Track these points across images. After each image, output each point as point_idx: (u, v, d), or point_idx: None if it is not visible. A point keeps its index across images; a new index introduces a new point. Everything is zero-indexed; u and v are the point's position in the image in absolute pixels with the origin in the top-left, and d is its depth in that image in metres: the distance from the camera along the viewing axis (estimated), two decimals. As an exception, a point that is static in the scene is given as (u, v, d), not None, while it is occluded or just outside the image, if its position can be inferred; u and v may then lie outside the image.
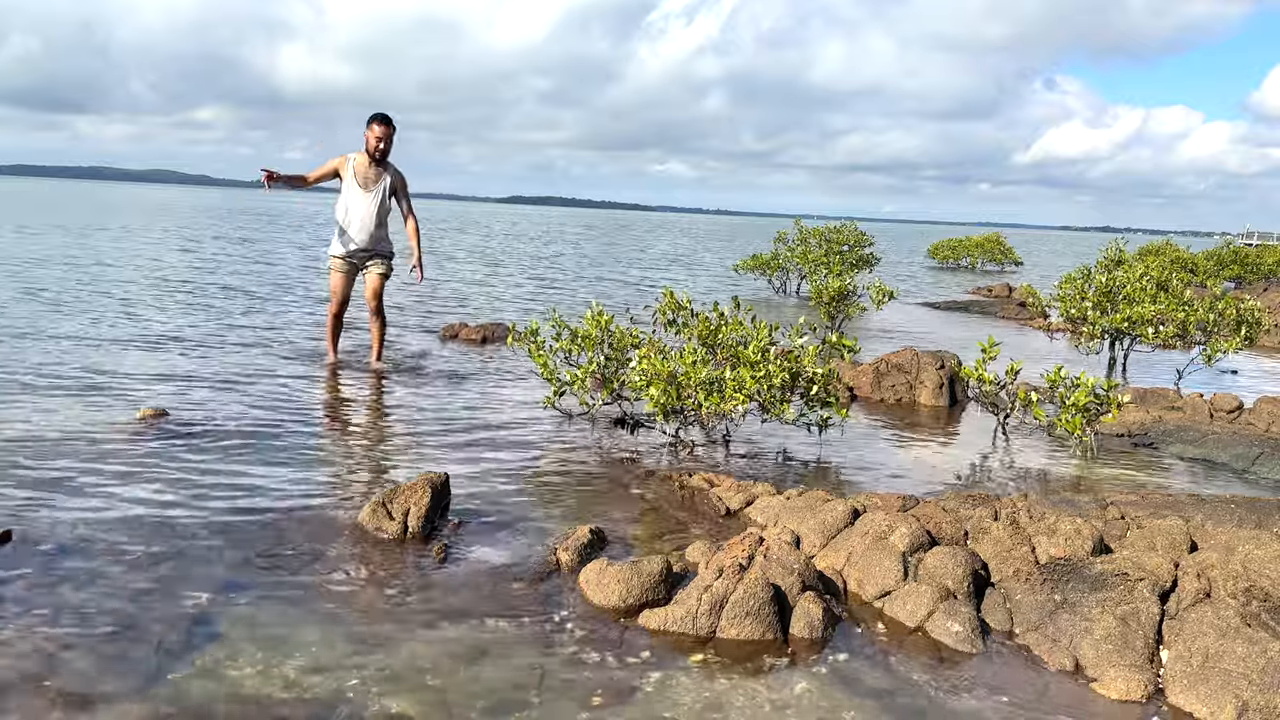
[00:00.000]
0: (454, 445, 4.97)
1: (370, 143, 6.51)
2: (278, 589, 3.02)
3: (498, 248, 27.31)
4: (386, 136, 6.51)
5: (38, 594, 2.89)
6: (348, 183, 6.59)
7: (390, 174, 6.62)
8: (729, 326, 5.57)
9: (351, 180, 6.57)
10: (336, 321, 6.93)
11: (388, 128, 6.50)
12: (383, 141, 6.50)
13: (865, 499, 3.95)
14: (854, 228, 18.07)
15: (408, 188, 6.74)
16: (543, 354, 5.54)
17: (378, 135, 6.48)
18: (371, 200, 6.58)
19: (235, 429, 4.98)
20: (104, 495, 3.80)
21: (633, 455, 4.98)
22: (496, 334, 8.83)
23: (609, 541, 3.61)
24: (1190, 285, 11.79)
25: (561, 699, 2.46)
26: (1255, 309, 8.76)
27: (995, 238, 28.91)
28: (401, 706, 2.38)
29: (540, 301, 12.85)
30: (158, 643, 2.63)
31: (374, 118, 6.52)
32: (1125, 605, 2.91)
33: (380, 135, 6.49)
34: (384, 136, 6.50)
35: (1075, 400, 5.20)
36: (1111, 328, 8.53)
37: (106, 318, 8.81)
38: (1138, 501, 4.23)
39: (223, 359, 7.07)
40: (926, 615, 3.00)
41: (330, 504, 3.90)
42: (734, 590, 2.90)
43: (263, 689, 2.43)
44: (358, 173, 6.55)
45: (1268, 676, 2.54)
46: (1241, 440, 5.70)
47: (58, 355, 6.78)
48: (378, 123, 6.49)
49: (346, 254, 6.69)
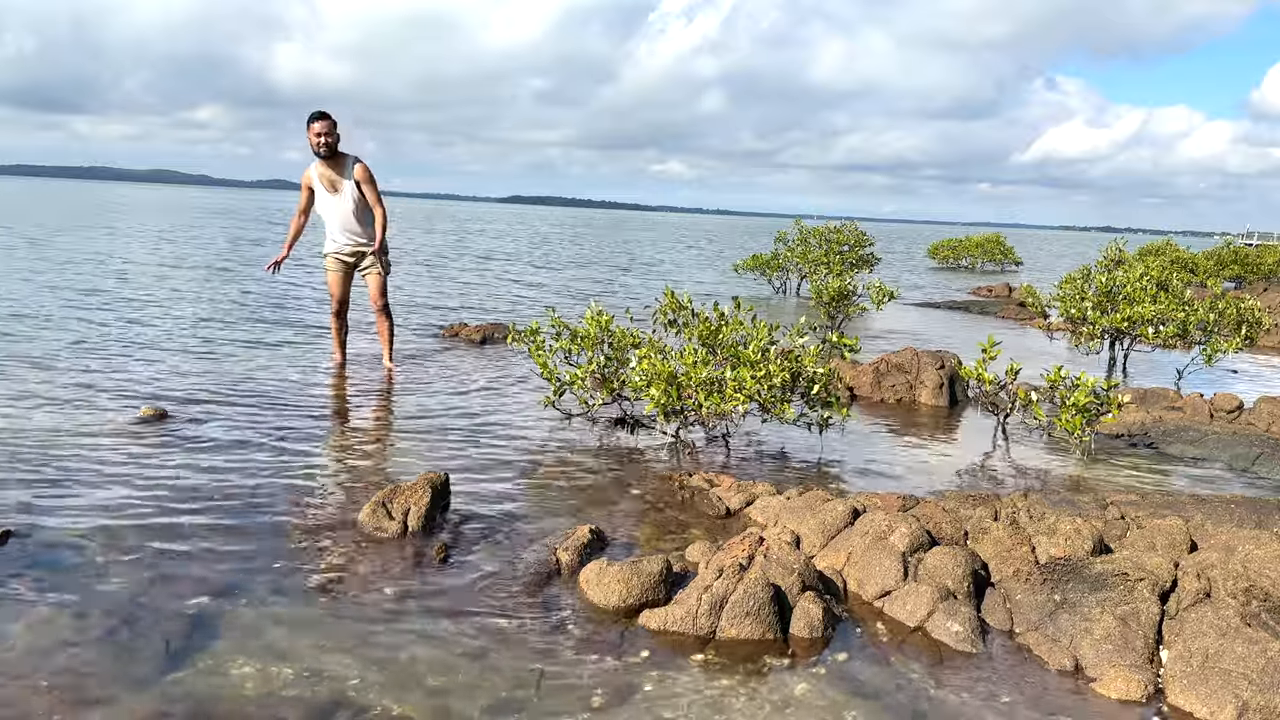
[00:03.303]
0: (454, 445, 4.97)
1: (312, 141, 6.42)
2: (278, 589, 3.02)
3: (498, 248, 27.31)
4: (327, 130, 6.40)
5: (37, 594, 2.89)
6: (316, 190, 6.58)
7: (351, 166, 6.53)
8: (729, 326, 5.57)
9: (319, 187, 6.56)
10: (338, 321, 6.93)
11: (326, 121, 6.40)
12: (323, 136, 6.39)
13: (865, 499, 3.95)
14: (854, 228, 18.06)
15: (374, 180, 6.60)
16: (542, 354, 5.54)
17: (317, 132, 6.39)
18: (342, 201, 6.55)
19: (235, 429, 4.99)
20: (104, 495, 3.80)
21: (633, 455, 4.98)
22: (496, 334, 8.83)
23: (609, 541, 3.61)
24: (1190, 285, 11.80)
25: (562, 699, 2.46)
26: (1255, 309, 8.76)
27: (995, 238, 28.90)
28: (401, 706, 2.38)
29: (540, 301, 12.85)
30: (158, 643, 2.63)
31: (310, 116, 6.44)
32: (1125, 605, 2.91)
33: (319, 131, 6.38)
34: (323, 131, 6.39)
35: (1075, 400, 5.19)
36: (1111, 328, 8.53)
37: (107, 318, 8.81)
38: (1138, 501, 4.23)
39: (223, 359, 7.07)
40: (926, 615, 3.00)
41: (330, 504, 3.90)
42: (734, 590, 2.90)
43: (263, 689, 2.43)
44: (321, 178, 6.53)
45: (1268, 676, 2.54)
46: (1241, 440, 5.70)
47: (58, 355, 6.78)
48: (315, 120, 6.40)
49: (335, 252, 6.69)
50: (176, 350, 7.31)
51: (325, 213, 6.63)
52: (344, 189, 6.53)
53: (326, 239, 6.74)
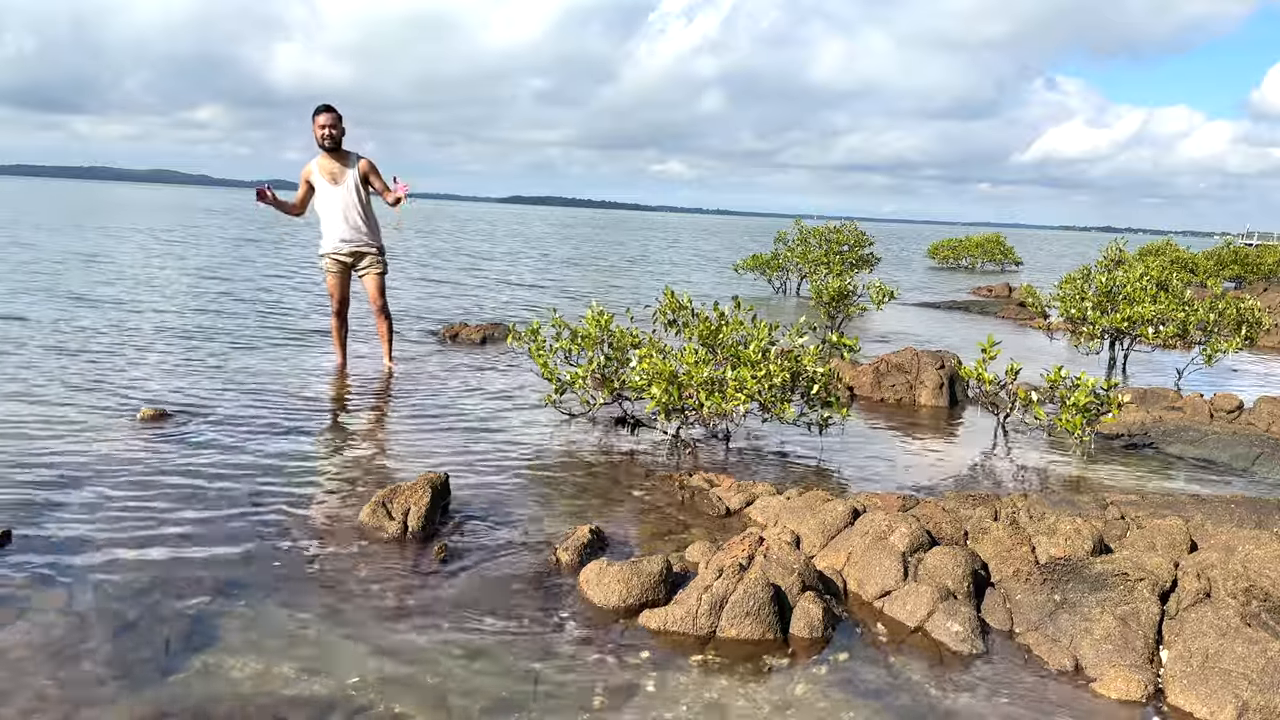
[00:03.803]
0: (454, 445, 4.97)
1: (317, 134, 6.45)
2: (278, 589, 3.02)
3: (498, 249, 27.30)
4: (332, 123, 6.43)
5: (37, 594, 2.89)
6: (317, 183, 6.58)
7: (354, 161, 6.56)
8: (729, 326, 5.57)
9: (319, 179, 6.56)
10: (338, 321, 6.92)
11: (331, 114, 6.44)
12: (328, 128, 6.42)
13: (865, 499, 3.95)
14: (854, 228, 18.06)
15: (377, 169, 6.63)
16: (543, 354, 5.54)
17: (322, 124, 6.42)
18: (344, 192, 6.55)
19: (235, 429, 4.99)
20: (104, 495, 3.80)
21: (633, 455, 4.98)
22: (497, 334, 8.83)
23: (609, 541, 3.61)
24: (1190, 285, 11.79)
25: (562, 699, 2.46)
26: (1255, 309, 8.76)
27: (995, 238, 28.89)
28: (401, 706, 2.38)
29: (540, 301, 12.85)
30: (158, 643, 2.63)
31: (316, 109, 6.48)
32: (1125, 605, 2.91)
33: (325, 123, 6.42)
34: (328, 124, 6.42)
35: (1075, 400, 5.19)
36: (1111, 328, 8.53)
37: (108, 318, 8.81)
38: (1138, 501, 4.23)
39: (224, 359, 7.07)
40: (926, 615, 3.00)
41: (330, 503, 3.90)
42: (734, 590, 2.90)
43: (263, 689, 2.43)
44: (322, 170, 6.54)
45: (1268, 676, 2.54)
46: (1241, 440, 5.69)
47: (58, 356, 6.78)
48: (320, 113, 6.44)
49: (332, 252, 6.68)
50: (176, 351, 7.31)
51: (324, 207, 6.61)
52: (346, 179, 6.54)
53: (323, 238, 6.72)
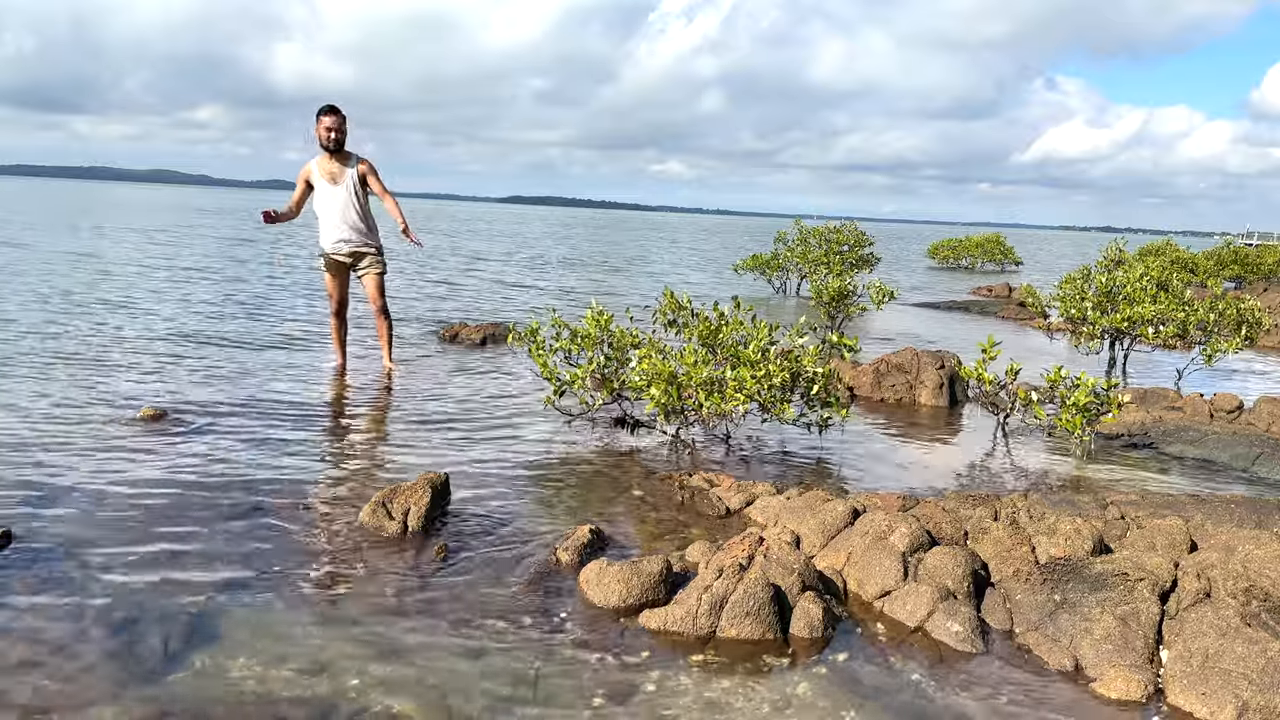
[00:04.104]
0: (454, 445, 4.97)
1: (321, 135, 6.46)
2: (278, 589, 3.02)
3: (498, 249, 27.30)
4: (337, 126, 6.45)
5: (37, 594, 2.89)
6: (316, 183, 6.58)
7: (354, 163, 6.57)
8: (729, 326, 5.56)
9: (319, 180, 6.56)
10: (337, 321, 6.92)
11: (336, 116, 6.45)
12: (333, 131, 6.44)
13: (865, 499, 3.95)
14: (854, 228, 18.06)
15: (376, 171, 6.64)
16: (543, 354, 5.54)
17: (327, 125, 6.43)
18: (342, 191, 6.54)
19: (235, 429, 4.99)
20: (104, 495, 3.80)
21: (632, 455, 4.98)
22: (496, 334, 8.83)
23: (609, 541, 3.61)
24: (1190, 285, 11.79)
25: (562, 699, 2.46)
26: (1255, 309, 8.76)
27: (995, 238, 28.88)
28: (401, 706, 2.38)
29: (540, 302, 12.85)
30: (158, 643, 2.63)
31: (321, 110, 6.49)
32: (1125, 605, 2.91)
33: (330, 125, 6.43)
34: (334, 126, 6.44)
35: (1075, 400, 5.19)
36: (1111, 328, 8.53)
37: (108, 318, 8.81)
38: (1138, 501, 4.23)
39: (224, 360, 7.07)
40: (926, 615, 3.00)
41: (330, 503, 3.90)
42: (734, 590, 2.90)
43: (263, 689, 2.43)
44: (322, 170, 6.54)
45: (1268, 676, 2.54)
46: (1241, 440, 5.69)
47: (59, 355, 6.78)
48: (325, 114, 6.45)
49: (331, 252, 6.68)
50: (176, 351, 7.31)
51: (323, 207, 6.61)
52: (345, 179, 6.55)
53: (322, 238, 6.71)
